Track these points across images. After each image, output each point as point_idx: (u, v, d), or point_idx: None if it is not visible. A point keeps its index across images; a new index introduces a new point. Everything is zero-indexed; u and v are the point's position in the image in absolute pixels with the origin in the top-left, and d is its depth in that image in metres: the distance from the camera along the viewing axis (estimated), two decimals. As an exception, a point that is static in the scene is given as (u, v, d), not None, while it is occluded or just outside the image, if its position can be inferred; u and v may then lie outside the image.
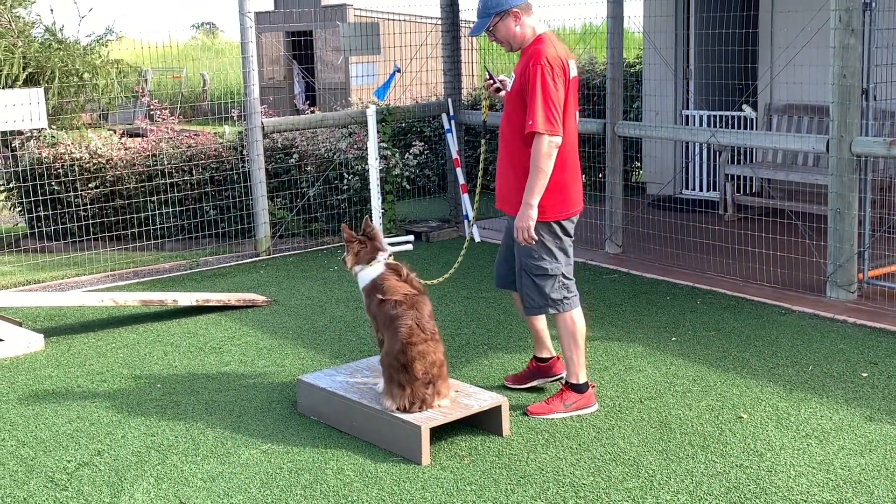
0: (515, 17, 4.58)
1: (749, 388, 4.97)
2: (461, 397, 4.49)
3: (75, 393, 5.15)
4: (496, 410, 4.46)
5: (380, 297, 4.46)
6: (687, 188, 9.95)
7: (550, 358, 5.03)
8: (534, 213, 4.51)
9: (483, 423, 4.51)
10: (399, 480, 4.04)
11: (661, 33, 9.50)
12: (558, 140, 4.48)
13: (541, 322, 4.96)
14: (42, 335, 5.96)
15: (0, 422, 4.77)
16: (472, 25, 4.83)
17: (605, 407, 4.77)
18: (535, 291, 4.72)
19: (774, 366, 5.27)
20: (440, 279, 5.49)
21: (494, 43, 4.76)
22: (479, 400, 4.50)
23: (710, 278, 7.05)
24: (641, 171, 10.68)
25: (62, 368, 5.54)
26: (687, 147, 9.75)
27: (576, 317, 4.75)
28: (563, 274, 4.74)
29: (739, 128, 9.10)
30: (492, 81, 4.92)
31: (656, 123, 9.13)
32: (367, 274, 4.64)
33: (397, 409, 4.29)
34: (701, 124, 9.56)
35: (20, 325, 6.00)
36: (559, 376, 4.98)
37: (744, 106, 8.81)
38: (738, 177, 9.09)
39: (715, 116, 9.45)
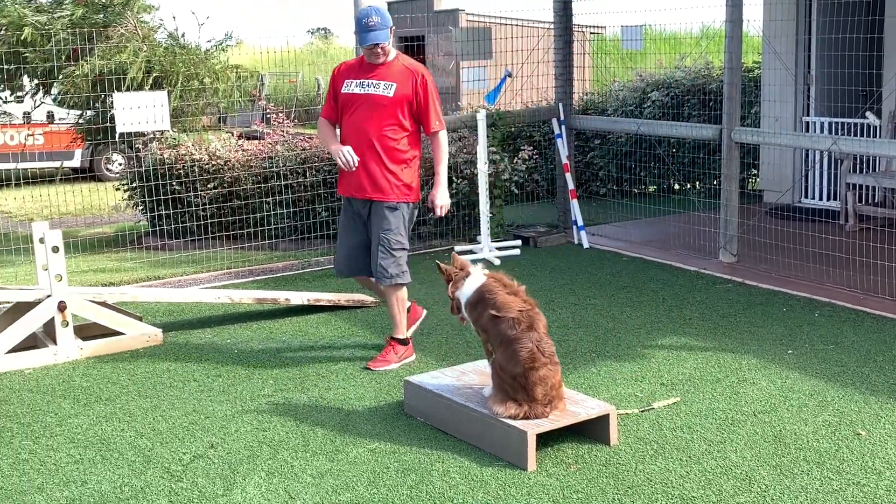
0: (391, 33, 5.43)
1: (868, 403, 4.79)
2: (568, 404, 4.45)
3: (191, 387, 5.31)
4: (604, 419, 4.41)
5: (493, 312, 4.42)
6: (806, 197, 9.65)
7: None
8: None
9: (590, 432, 4.46)
10: (504, 485, 4.03)
11: (781, 37, 9.24)
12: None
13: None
14: (161, 330, 6.16)
15: (120, 413, 4.95)
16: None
17: (716, 420, 4.66)
18: (392, 264, 5.53)
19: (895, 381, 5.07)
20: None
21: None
22: (587, 408, 4.45)
23: (829, 290, 6.82)
24: (758, 179, 10.42)
25: (179, 362, 5.71)
26: (807, 155, 9.46)
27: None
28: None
29: (862, 135, 8.78)
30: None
31: (775, 130, 8.89)
32: (465, 291, 4.62)
33: (510, 417, 4.28)
34: (822, 131, 9.26)
35: (140, 319, 6.21)
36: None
37: (867, 113, 8.51)
38: (861, 186, 8.78)
39: (837, 123, 9.14)
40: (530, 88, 10.25)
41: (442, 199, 5.61)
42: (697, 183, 10.88)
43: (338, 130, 5.69)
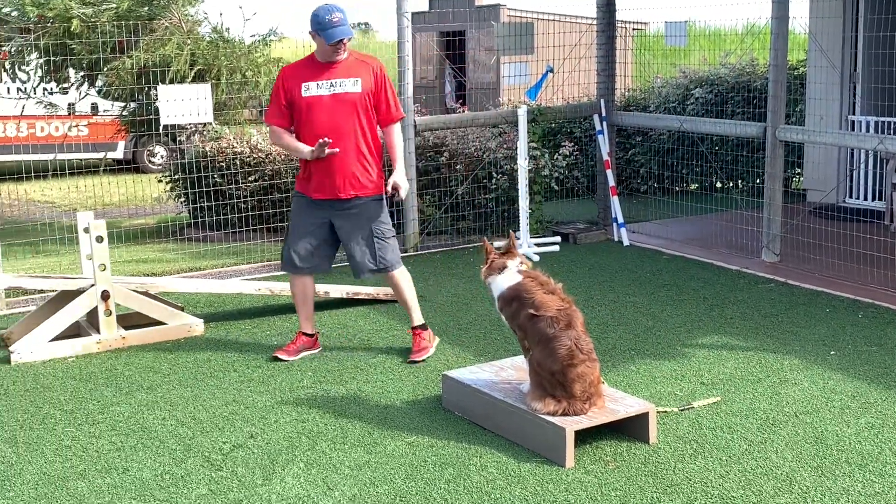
0: None
1: (914, 407, 4.71)
2: (608, 402, 4.43)
3: (231, 377, 5.35)
4: (643, 417, 4.38)
5: (531, 311, 4.40)
6: (850, 197, 9.52)
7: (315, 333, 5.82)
8: None
9: (629, 430, 4.43)
10: (542, 481, 4.02)
11: (827, 35, 9.11)
12: None
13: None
14: (202, 320, 6.22)
15: (161, 401, 5.00)
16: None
17: (757, 420, 4.62)
18: (389, 251, 5.64)
19: (943, 386, 4.98)
20: None
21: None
22: (626, 406, 4.43)
23: (873, 291, 6.72)
24: (802, 178, 10.29)
25: (220, 353, 5.76)
26: (852, 154, 9.33)
27: None
28: None
29: (910, 134, 8.64)
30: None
31: (820, 128, 8.77)
32: (499, 283, 4.62)
33: (548, 413, 4.27)
34: (868, 130, 9.12)
35: (182, 309, 6.27)
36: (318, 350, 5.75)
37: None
38: (907, 186, 8.63)
39: (883, 122, 9.00)
40: (571, 84, 10.21)
41: (404, 182, 5.64)
42: (740, 181, 10.77)
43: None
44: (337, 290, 6.69)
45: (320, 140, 5.32)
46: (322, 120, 5.40)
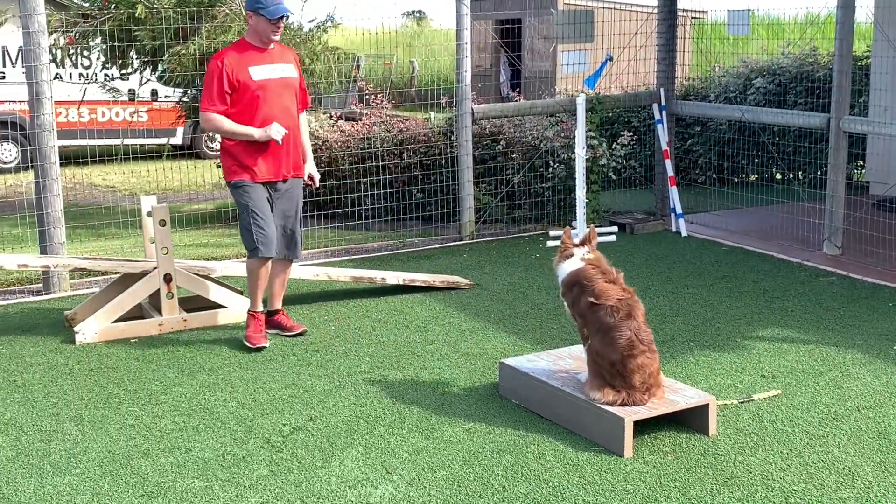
0: None
1: (982, 405, 4.61)
2: (667, 393, 4.40)
3: (290, 361, 5.41)
4: (703, 409, 4.35)
5: (591, 300, 4.38)
6: (915, 189, 9.31)
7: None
8: None
9: (688, 421, 4.40)
10: (601, 470, 4.01)
11: (894, 25, 8.92)
12: None
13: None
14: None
15: (222, 383, 5.08)
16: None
17: (819, 413, 4.56)
18: (301, 236, 5.83)
19: None
20: None
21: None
22: (686, 397, 4.40)
23: (939, 286, 6.59)
24: (865, 170, 10.10)
25: (279, 337, 5.83)
26: (917, 146, 9.13)
27: None
28: None
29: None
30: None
31: (885, 120, 8.59)
32: (563, 268, 4.61)
33: (607, 403, 4.26)
34: (934, 122, 8.91)
35: (241, 293, 6.35)
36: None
37: None
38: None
39: (951, 114, 8.80)
40: (629, 73, 10.12)
41: (316, 171, 5.87)
42: (800, 172, 10.60)
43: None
44: (393, 277, 6.73)
45: (278, 129, 5.41)
46: (273, 103, 5.48)
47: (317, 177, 5.87)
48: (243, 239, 5.63)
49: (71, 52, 10.89)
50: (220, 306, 6.13)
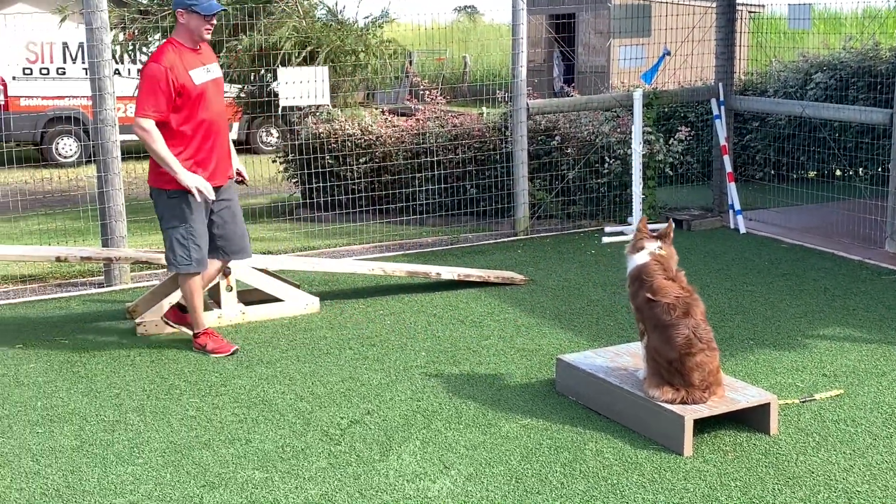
0: None
1: None
2: (728, 391, 4.35)
3: (347, 354, 5.44)
4: (764, 408, 4.29)
5: (648, 296, 4.35)
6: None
7: None
8: None
9: (749, 420, 4.35)
10: (660, 469, 3.98)
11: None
12: None
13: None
14: (318, 298, 6.33)
15: (280, 375, 5.12)
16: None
17: (882, 413, 4.47)
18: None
19: None
20: None
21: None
22: (746, 395, 4.34)
23: None
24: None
25: (335, 330, 5.87)
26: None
27: None
28: None
29: None
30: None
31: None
32: (633, 260, 4.57)
33: (666, 401, 4.22)
34: None
35: (298, 287, 6.40)
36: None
37: None
38: None
39: None
40: (686, 68, 10.01)
41: (243, 168, 5.77)
42: (861, 169, 10.40)
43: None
44: (448, 272, 6.74)
45: (207, 188, 5.24)
46: (212, 108, 5.30)
47: (245, 173, 5.72)
48: (173, 255, 5.36)
49: (130, 48, 11.04)
50: (278, 299, 6.19)
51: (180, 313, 5.76)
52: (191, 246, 5.34)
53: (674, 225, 4.68)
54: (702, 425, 4.23)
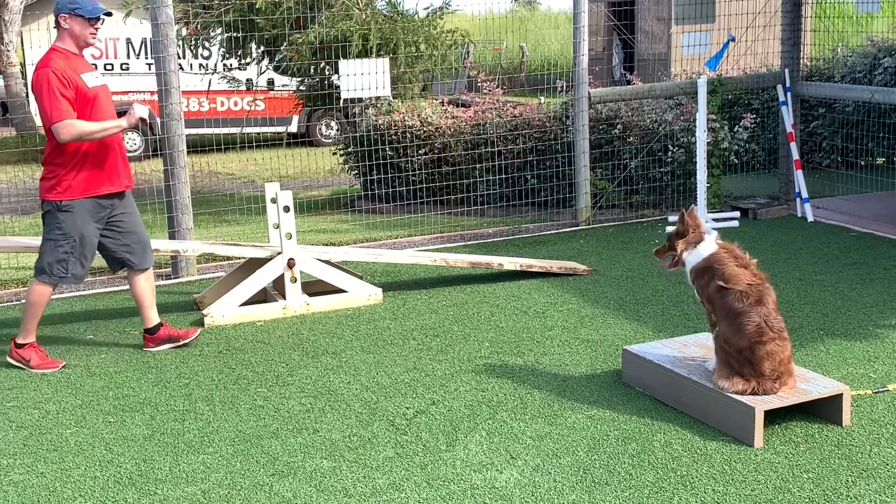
0: None
1: None
2: (799, 382, 4.28)
3: (411, 345, 5.46)
4: (836, 399, 4.21)
5: (720, 283, 4.27)
6: None
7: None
8: None
9: (820, 411, 4.27)
10: (730, 460, 3.92)
11: None
12: None
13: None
14: (381, 289, 6.36)
15: (346, 366, 5.15)
16: None
17: (961, 406, 4.36)
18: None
19: None
20: None
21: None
22: (818, 386, 4.26)
23: None
24: None
25: (398, 321, 5.88)
26: None
27: None
28: None
29: None
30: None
31: None
32: (696, 254, 4.44)
33: (736, 392, 4.16)
34: None
35: (361, 278, 6.44)
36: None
37: None
38: None
39: None
40: (749, 55, 9.84)
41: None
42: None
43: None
44: (510, 263, 6.72)
45: (140, 107, 5.13)
46: (106, 112, 5.19)
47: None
48: (49, 265, 5.17)
49: (193, 42, 11.19)
50: (341, 291, 6.23)
51: (159, 334, 5.53)
52: (71, 261, 5.19)
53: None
54: (772, 416, 4.16)
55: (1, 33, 18.11)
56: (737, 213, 8.14)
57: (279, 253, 6.05)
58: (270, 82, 15.38)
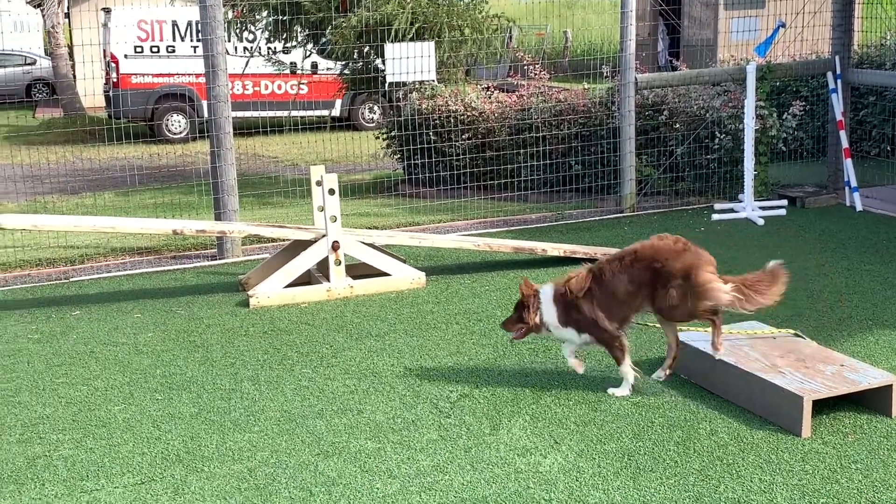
0: None
1: None
2: (846, 371, 4.23)
3: (454, 329, 5.46)
4: (886, 390, 4.15)
5: (575, 302, 4.46)
6: None
7: None
8: None
9: (870, 402, 4.21)
10: (777, 450, 3.89)
11: None
12: None
13: None
14: (423, 273, 6.37)
15: (389, 349, 5.17)
16: None
17: None
18: None
19: None
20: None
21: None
22: (867, 377, 4.20)
23: None
24: None
25: (441, 305, 5.89)
26: None
27: None
28: None
29: None
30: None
31: None
32: (548, 309, 4.46)
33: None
34: None
35: (404, 262, 6.45)
36: None
37: None
38: None
39: None
40: (798, 41, 9.68)
41: None
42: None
43: None
44: (554, 248, 6.69)
45: None
46: None
47: None
48: None
49: (237, 26, 11.24)
50: (385, 274, 6.24)
51: None
52: None
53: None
54: (820, 406, 4.11)
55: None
56: (784, 202, 8.04)
57: (324, 235, 6.08)
58: (314, 66, 15.43)
